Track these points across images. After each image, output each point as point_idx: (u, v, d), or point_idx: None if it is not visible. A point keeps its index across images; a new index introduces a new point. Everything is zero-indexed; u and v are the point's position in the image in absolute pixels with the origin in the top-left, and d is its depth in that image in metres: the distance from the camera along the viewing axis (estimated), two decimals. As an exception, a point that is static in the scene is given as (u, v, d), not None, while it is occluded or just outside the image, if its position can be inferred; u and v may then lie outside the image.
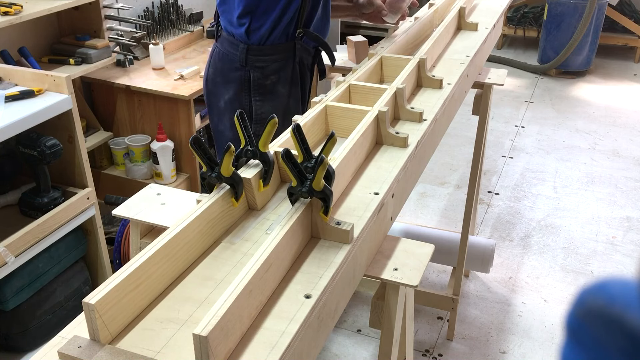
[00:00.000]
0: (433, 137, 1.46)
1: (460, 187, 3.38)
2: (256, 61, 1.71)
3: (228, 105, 1.78)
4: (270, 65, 1.71)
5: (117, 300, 0.80)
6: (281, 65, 1.73)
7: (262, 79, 1.72)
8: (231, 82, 1.75)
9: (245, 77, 1.72)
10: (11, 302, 2.00)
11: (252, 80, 1.72)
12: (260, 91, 1.73)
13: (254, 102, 1.73)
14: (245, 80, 1.72)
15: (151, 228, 1.22)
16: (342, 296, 0.98)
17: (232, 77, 1.74)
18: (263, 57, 1.71)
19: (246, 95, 1.74)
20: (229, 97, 1.76)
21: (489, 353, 2.30)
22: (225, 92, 1.77)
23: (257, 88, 1.72)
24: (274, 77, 1.73)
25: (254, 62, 1.71)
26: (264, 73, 1.72)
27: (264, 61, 1.71)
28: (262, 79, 1.72)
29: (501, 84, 2.01)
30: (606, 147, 3.87)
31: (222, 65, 1.76)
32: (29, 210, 2.07)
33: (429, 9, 2.04)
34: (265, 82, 1.72)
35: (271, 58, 1.71)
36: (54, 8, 2.27)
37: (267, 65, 1.71)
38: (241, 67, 1.71)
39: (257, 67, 1.71)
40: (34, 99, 1.95)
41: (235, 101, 1.75)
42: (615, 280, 0.37)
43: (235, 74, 1.73)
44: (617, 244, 2.93)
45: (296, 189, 0.95)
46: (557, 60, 4.88)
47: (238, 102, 1.75)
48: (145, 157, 2.72)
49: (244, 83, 1.73)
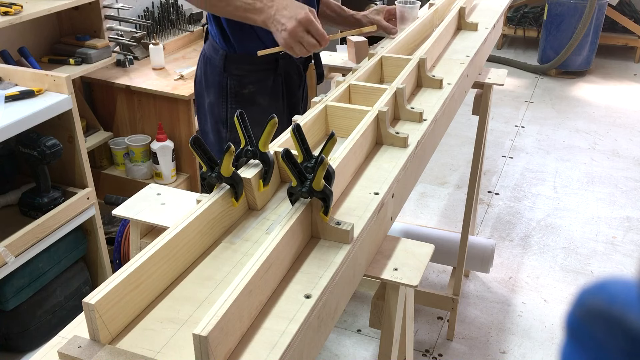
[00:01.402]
0: (433, 137, 1.46)
1: (460, 187, 3.38)
2: (234, 69, 1.66)
3: (209, 109, 1.74)
4: (248, 75, 1.66)
5: (117, 300, 0.80)
6: (261, 76, 1.67)
7: (239, 88, 1.67)
8: (212, 86, 1.71)
9: (223, 84, 1.67)
10: (11, 302, 2.00)
11: (229, 88, 1.67)
12: (238, 99, 1.67)
13: (229, 110, 1.68)
14: (224, 86, 1.67)
15: (151, 228, 1.22)
16: (342, 296, 0.98)
17: (213, 82, 1.70)
18: (241, 66, 1.65)
19: (224, 102, 1.69)
20: (210, 102, 1.72)
21: (489, 353, 2.30)
22: (207, 96, 1.73)
23: (234, 96, 1.67)
24: (252, 87, 1.67)
25: (232, 69, 1.66)
26: (241, 82, 1.66)
27: (242, 70, 1.66)
28: (239, 87, 1.67)
29: (501, 84, 2.01)
30: (606, 147, 3.87)
31: (205, 69, 1.72)
32: (29, 210, 2.07)
33: (429, 9, 2.04)
34: (242, 91, 1.67)
35: (249, 68, 1.66)
36: (54, 8, 2.27)
37: (245, 75, 1.66)
38: (220, 73, 1.67)
39: (235, 75, 1.66)
40: (34, 99, 1.95)
41: (215, 106, 1.71)
42: (615, 280, 0.37)
43: (216, 78, 1.69)
44: (617, 244, 2.93)
45: (296, 189, 0.95)
46: (557, 60, 4.88)
47: (217, 107, 1.71)
48: (145, 157, 2.72)
49: (223, 89, 1.68)
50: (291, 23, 1.36)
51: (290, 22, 1.36)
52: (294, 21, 1.36)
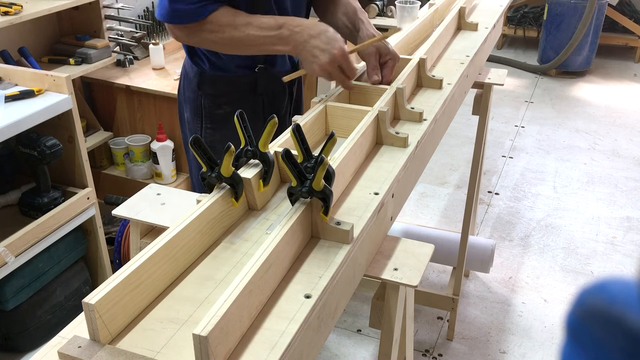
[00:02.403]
0: (433, 137, 1.46)
1: (460, 187, 3.38)
2: (208, 88, 1.53)
3: (187, 124, 1.63)
4: (223, 96, 1.54)
5: (117, 300, 0.80)
6: (238, 96, 1.55)
7: (213, 107, 1.55)
8: (188, 102, 1.60)
9: (197, 102, 1.56)
10: (11, 302, 2.00)
11: (203, 107, 1.55)
12: (212, 119, 1.56)
13: (204, 129, 1.57)
14: (198, 105, 1.56)
15: (151, 228, 1.22)
16: (342, 296, 0.98)
17: (188, 98, 1.59)
18: (216, 86, 1.53)
19: (198, 120, 1.57)
20: (187, 117, 1.62)
21: (489, 353, 2.30)
22: (185, 111, 1.63)
23: (208, 116, 1.56)
24: (227, 107, 1.54)
25: (206, 88, 1.54)
26: (215, 102, 1.54)
27: (217, 89, 1.54)
28: (213, 107, 1.55)
29: (501, 84, 2.01)
30: (606, 147, 3.87)
31: (183, 83, 1.61)
32: (29, 210, 2.07)
33: (429, 9, 2.04)
34: (216, 111, 1.55)
35: (225, 88, 1.54)
36: (54, 8, 2.27)
37: (220, 95, 1.54)
38: (195, 90, 1.55)
39: (209, 94, 1.54)
40: (34, 99, 1.95)
41: (191, 123, 1.60)
42: (615, 280, 0.37)
43: (191, 95, 1.57)
44: (617, 244, 2.93)
45: (296, 189, 0.95)
46: (557, 60, 4.88)
47: (192, 124, 1.60)
48: (145, 157, 2.72)
49: (197, 108, 1.56)
50: (325, 57, 1.28)
51: (324, 56, 1.28)
52: (328, 56, 1.28)
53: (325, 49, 1.28)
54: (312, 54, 1.29)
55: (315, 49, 1.29)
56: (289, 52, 1.33)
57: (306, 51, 1.30)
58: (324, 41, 1.29)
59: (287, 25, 1.31)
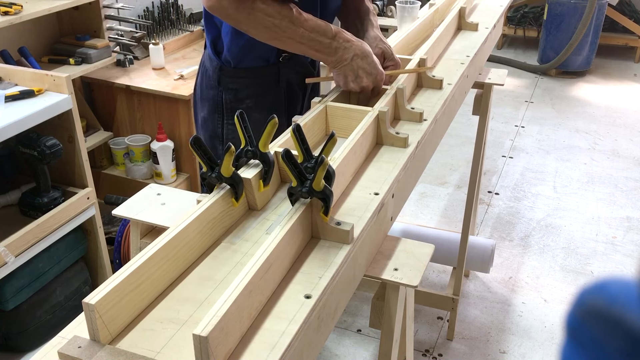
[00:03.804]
0: (433, 137, 1.46)
1: (460, 187, 3.38)
2: (229, 82, 1.52)
3: (203, 124, 1.61)
4: (245, 89, 1.52)
5: (117, 300, 0.80)
6: (260, 90, 1.53)
7: (234, 102, 1.53)
8: (206, 100, 1.58)
9: (218, 98, 1.54)
10: (11, 302, 2.00)
11: (224, 102, 1.54)
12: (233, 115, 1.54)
13: (225, 126, 1.55)
14: (218, 101, 1.54)
15: (151, 228, 1.22)
16: (342, 296, 0.98)
17: (207, 95, 1.57)
18: (237, 79, 1.52)
19: (219, 117, 1.56)
20: (203, 116, 1.60)
21: (489, 353, 2.30)
22: (201, 110, 1.61)
23: (229, 111, 1.53)
24: (249, 102, 1.53)
25: (227, 83, 1.52)
26: (237, 96, 1.53)
27: (238, 83, 1.52)
28: (234, 102, 1.53)
29: (501, 84, 2.01)
30: (606, 147, 3.87)
31: (201, 80, 1.60)
32: (29, 210, 2.07)
33: (429, 9, 2.04)
34: (238, 106, 1.52)
35: (246, 81, 1.52)
36: (54, 8, 2.27)
37: (242, 89, 1.52)
38: (215, 86, 1.54)
39: (230, 89, 1.52)
40: (34, 99, 1.95)
41: (209, 121, 1.59)
42: (615, 280, 0.37)
43: (210, 92, 1.56)
44: (617, 244, 2.93)
45: (296, 189, 0.95)
46: (557, 60, 4.88)
47: (211, 122, 1.58)
48: (145, 157, 2.72)
49: (218, 104, 1.55)
50: (369, 81, 1.34)
51: (368, 80, 1.34)
52: (372, 79, 1.35)
53: (371, 73, 1.34)
54: (357, 74, 1.34)
55: (360, 70, 1.34)
56: (329, 62, 1.35)
57: (350, 69, 1.34)
58: (370, 64, 1.34)
59: (339, 38, 1.32)
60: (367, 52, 1.34)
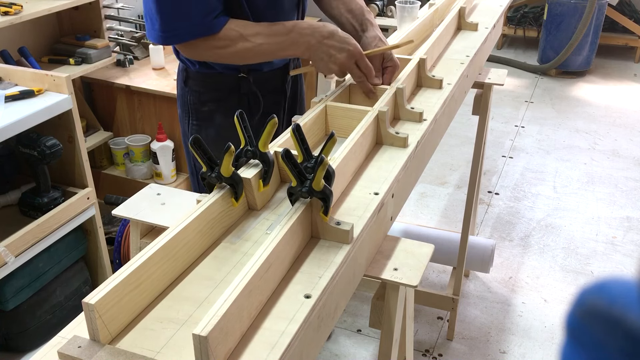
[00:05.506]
0: (433, 137, 1.46)
1: (460, 187, 3.38)
2: (193, 85, 1.53)
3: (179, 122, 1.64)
4: (206, 93, 1.53)
5: (117, 300, 0.80)
6: (222, 94, 1.53)
7: (198, 104, 1.54)
8: (179, 98, 1.60)
9: (185, 98, 1.56)
10: (11, 302, 2.00)
11: (190, 103, 1.55)
12: (198, 116, 1.55)
13: (190, 125, 1.57)
14: (185, 101, 1.56)
15: (151, 228, 1.22)
16: (342, 296, 0.98)
17: (179, 94, 1.60)
18: (200, 82, 1.53)
19: (186, 117, 1.58)
20: (179, 114, 1.63)
21: (489, 353, 2.30)
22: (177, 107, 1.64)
23: (194, 112, 1.55)
24: (211, 105, 1.54)
25: (192, 85, 1.53)
26: (200, 99, 1.54)
27: (201, 86, 1.53)
28: (198, 104, 1.54)
29: (501, 84, 2.01)
30: (606, 147, 3.87)
31: (177, 79, 1.62)
32: (29, 210, 2.07)
33: (429, 9, 2.04)
34: (202, 108, 1.54)
35: (208, 86, 1.52)
36: (54, 8, 2.27)
37: (204, 92, 1.53)
38: (182, 86, 1.56)
39: (195, 91, 1.54)
40: (34, 99, 1.95)
41: (181, 119, 1.61)
42: (615, 280, 0.37)
43: (180, 91, 1.58)
44: (617, 244, 2.93)
45: (296, 189, 0.95)
46: (557, 60, 4.88)
47: (182, 121, 1.60)
48: (145, 157, 2.72)
49: (185, 104, 1.57)
50: (343, 55, 1.30)
51: (342, 54, 1.30)
52: (345, 53, 1.30)
53: (342, 47, 1.30)
54: (328, 53, 1.31)
55: (331, 49, 1.30)
56: (302, 55, 1.33)
57: (321, 51, 1.31)
58: (339, 40, 1.30)
59: (297, 29, 1.31)
60: (331, 30, 1.31)
